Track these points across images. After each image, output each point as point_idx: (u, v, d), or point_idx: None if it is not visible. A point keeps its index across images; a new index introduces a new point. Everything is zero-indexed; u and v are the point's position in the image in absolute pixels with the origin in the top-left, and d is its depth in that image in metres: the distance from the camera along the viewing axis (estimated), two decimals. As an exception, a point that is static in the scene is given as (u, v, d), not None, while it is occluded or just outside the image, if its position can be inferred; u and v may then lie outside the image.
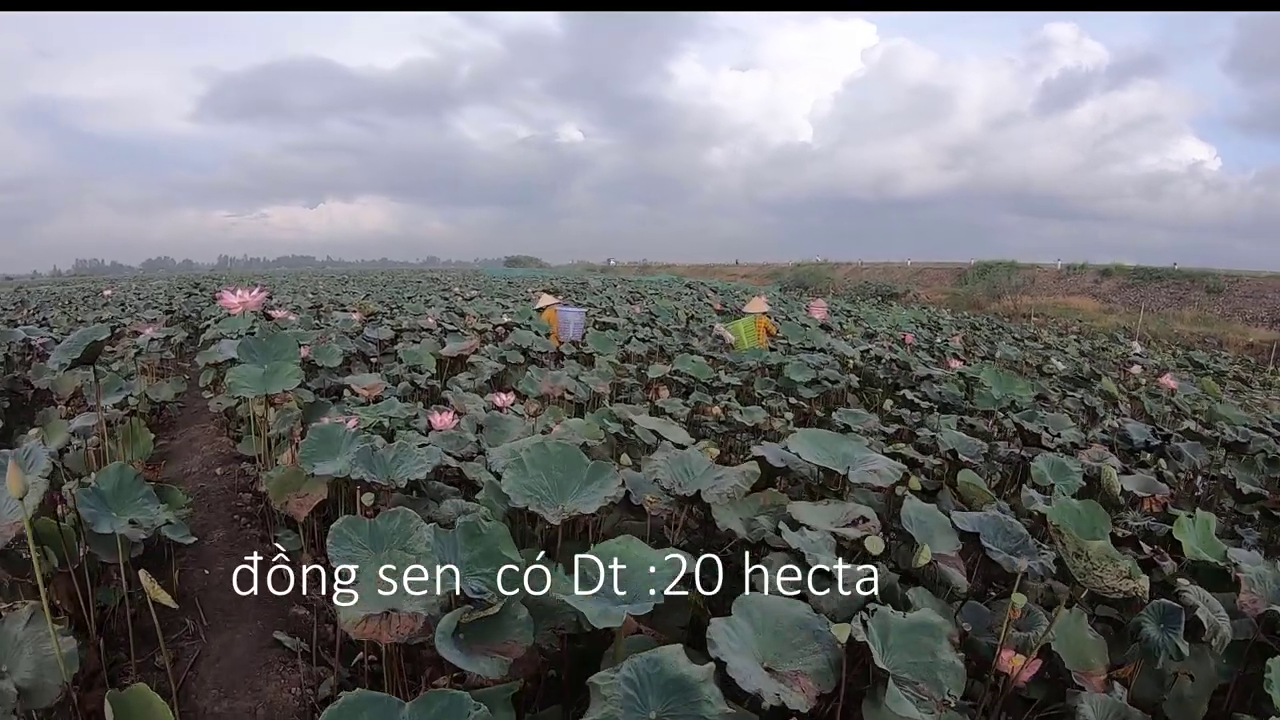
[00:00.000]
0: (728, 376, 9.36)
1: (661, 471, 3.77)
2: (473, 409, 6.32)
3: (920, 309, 36.81)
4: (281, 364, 4.71)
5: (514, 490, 3.27)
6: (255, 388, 4.58)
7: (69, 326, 13.68)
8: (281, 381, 4.60)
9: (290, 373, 4.63)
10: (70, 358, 4.09)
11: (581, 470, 3.43)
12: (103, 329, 4.19)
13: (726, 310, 20.15)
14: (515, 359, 8.91)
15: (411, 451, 3.84)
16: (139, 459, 5.17)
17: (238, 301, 5.13)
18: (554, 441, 3.52)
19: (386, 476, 3.68)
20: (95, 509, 3.07)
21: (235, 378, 4.61)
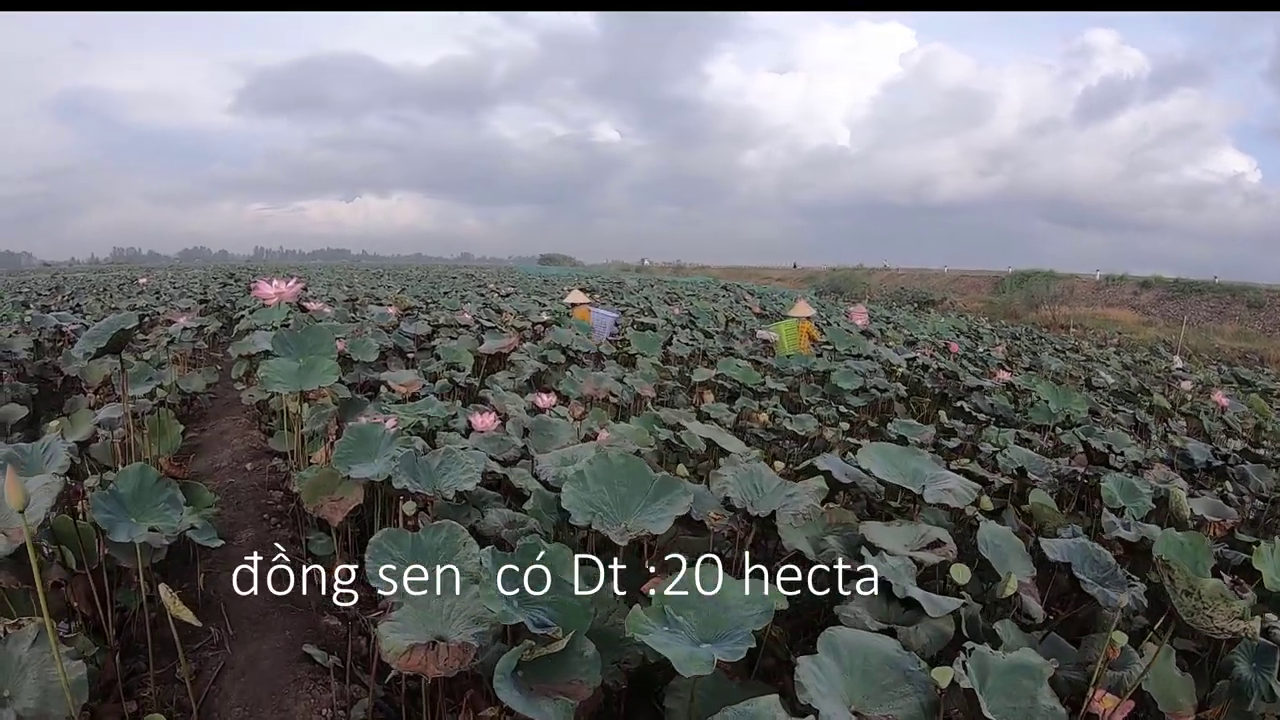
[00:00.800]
0: (773, 382, 9.07)
1: (732, 488, 3.47)
2: (514, 410, 6.06)
3: (958, 317, 36.32)
4: (317, 359, 4.43)
5: (574, 505, 2.98)
6: (290, 383, 4.31)
7: (102, 313, 13.53)
8: (317, 377, 4.33)
9: (326, 368, 4.36)
10: (96, 346, 3.84)
11: (646, 485, 3.13)
12: (130, 317, 3.94)
13: (766, 314, 19.84)
14: (555, 358, 8.63)
15: (458, 458, 3.55)
16: (167, 453, 4.92)
17: (273, 292, 4.87)
18: (617, 453, 3.23)
19: (432, 486, 3.40)
20: (113, 514, 2.80)
21: (269, 372, 4.33)
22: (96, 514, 2.69)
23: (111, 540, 2.76)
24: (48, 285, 27.05)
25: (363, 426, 3.95)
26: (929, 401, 10.29)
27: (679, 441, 5.75)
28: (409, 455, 3.49)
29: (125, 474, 2.89)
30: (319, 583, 4.23)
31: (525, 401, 6.45)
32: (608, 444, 4.61)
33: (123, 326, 3.82)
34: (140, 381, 6.12)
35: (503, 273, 53.12)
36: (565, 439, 4.69)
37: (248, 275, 31.48)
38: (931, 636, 2.90)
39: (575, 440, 4.69)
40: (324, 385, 4.35)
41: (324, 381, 4.31)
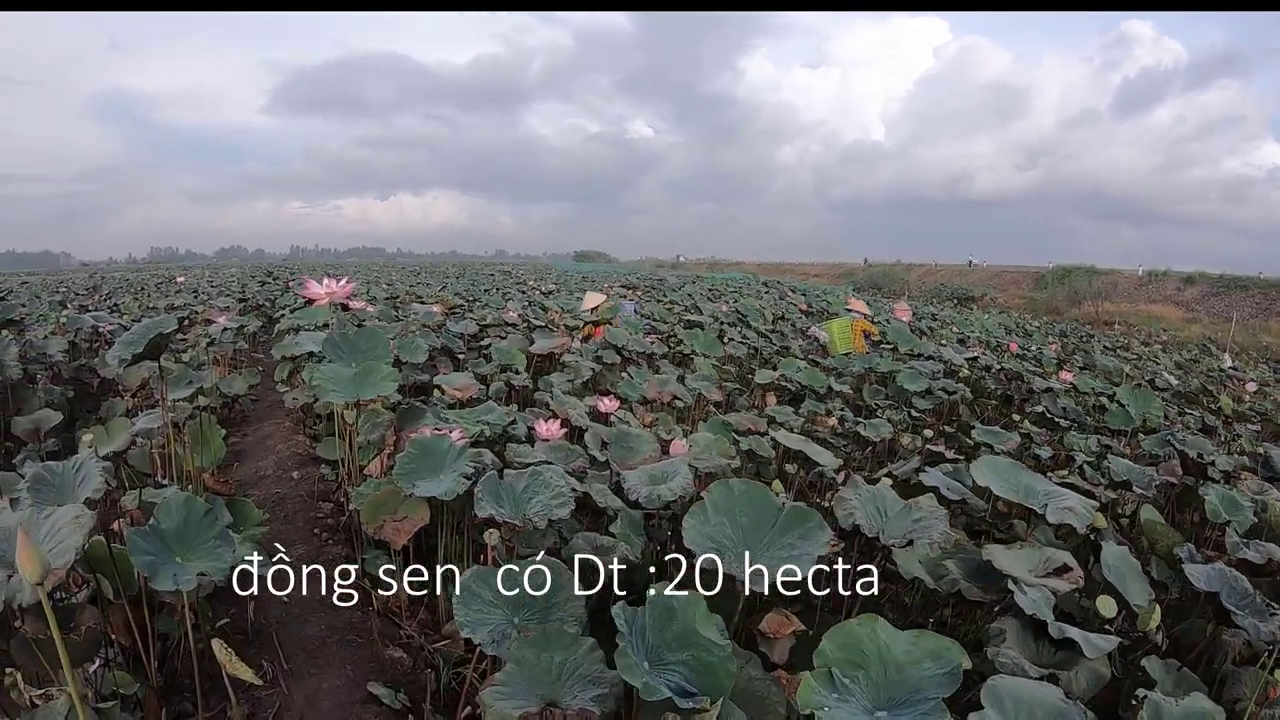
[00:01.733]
0: (835, 383, 8.64)
1: (860, 515, 3.05)
2: (576, 415, 5.68)
3: (999, 313, 35.71)
4: (374, 364, 4.05)
5: (696, 542, 2.57)
6: (345, 392, 3.91)
7: (139, 313, 13.30)
8: (375, 385, 3.93)
9: (384, 375, 3.97)
10: (132, 352, 3.48)
11: (772, 515, 2.71)
12: (169, 320, 3.58)
13: (812, 311, 19.37)
14: (610, 358, 8.24)
15: (546, 480, 3.15)
16: (210, 465, 4.56)
17: (324, 292, 4.49)
18: (740, 482, 2.80)
19: (521, 515, 2.99)
20: (155, 555, 2.36)
21: (322, 379, 3.95)
22: (135, 556, 2.28)
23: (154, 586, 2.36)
24: (85, 285, 26.96)
25: (427, 440, 3.57)
26: (994, 404, 9.84)
27: (758, 452, 5.37)
28: (491, 478, 3.09)
29: (168, 505, 2.48)
30: (378, 606, 3.88)
31: (584, 405, 6.08)
32: (690, 456, 4.22)
33: (161, 330, 3.46)
34: (180, 385, 5.79)
35: (539, 270, 52.83)
36: (646, 451, 4.28)
37: (285, 273, 31.32)
38: (1089, 680, 2.63)
39: (656, 452, 4.28)
40: (383, 394, 3.95)
41: (383, 390, 3.92)
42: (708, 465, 4.22)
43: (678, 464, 3.60)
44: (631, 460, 4.19)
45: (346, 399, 3.89)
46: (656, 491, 3.28)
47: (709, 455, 4.46)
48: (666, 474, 3.55)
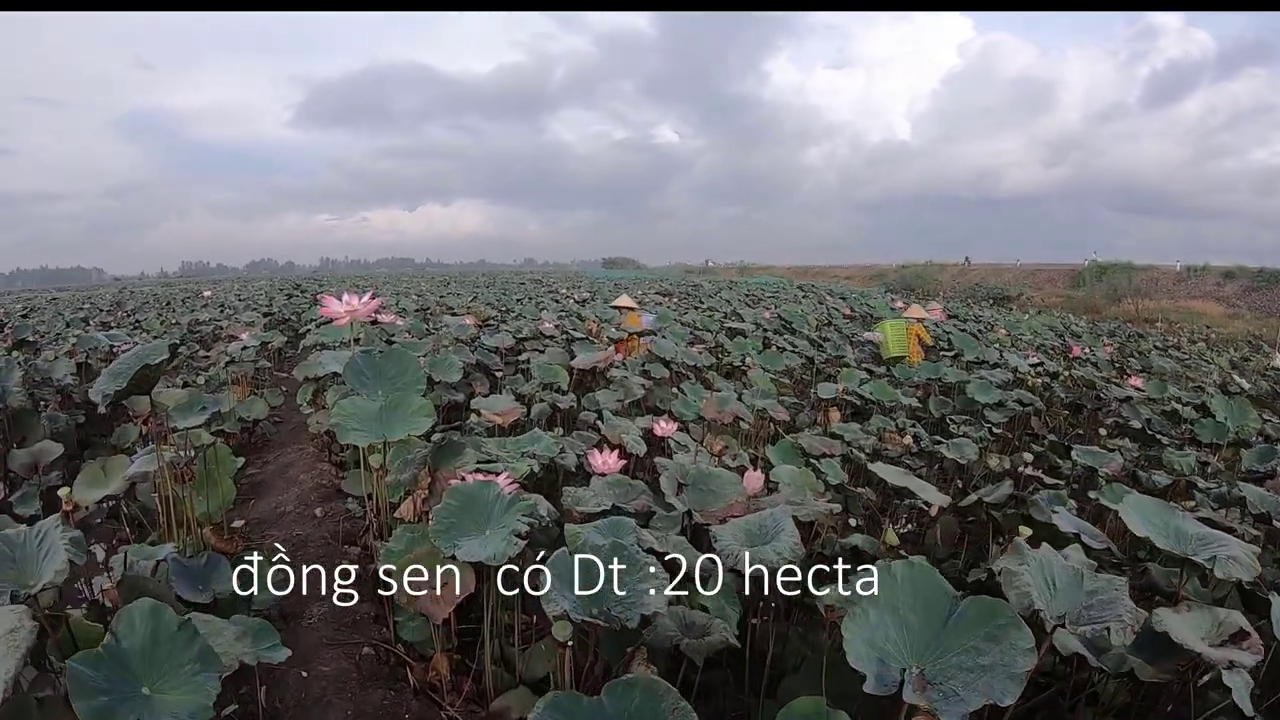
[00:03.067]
0: (904, 397, 7.98)
1: (1037, 595, 2.36)
2: (630, 440, 5.07)
3: (1037, 313, 34.82)
4: (404, 395, 3.41)
5: (862, 656, 1.92)
6: (370, 431, 3.27)
7: (161, 330, 12.81)
8: (406, 422, 3.29)
9: (417, 408, 3.34)
10: (115, 387, 2.89)
11: (943, 606, 2.05)
12: (158, 348, 2.99)
13: (855, 315, 18.67)
14: (658, 372, 7.61)
15: (631, 557, 2.48)
16: (218, 510, 3.95)
17: (344, 310, 3.86)
18: (902, 565, 2.13)
19: (603, 609, 2.32)
20: (110, 691, 1.65)
21: (342, 417, 3.30)
22: (80, 701, 1.60)
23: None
24: (112, 300, 26.59)
25: (469, 488, 2.95)
26: (1066, 415, 9.13)
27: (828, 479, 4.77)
28: (561, 558, 2.44)
29: (130, 616, 1.79)
30: (415, 681, 3.28)
31: (635, 426, 5.47)
32: (784, 501, 3.59)
33: (148, 361, 2.87)
34: (192, 411, 5.22)
35: (569, 277, 52.32)
36: (731, 495, 3.63)
37: (314, 286, 30.96)
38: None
39: (742, 496, 3.64)
40: (415, 432, 3.31)
41: (416, 427, 3.28)
42: (807, 513, 3.57)
43: (779, 517, 2.96)
44: (715, 506, 3.56)
45: (371, 439, 3.26)
46: (760, 555, 2.65)
47: (801, 496, 3.83)
48: (766, 529, 2.92)
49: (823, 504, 3.75)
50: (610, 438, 5.16)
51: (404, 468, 3.64)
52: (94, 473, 3.86)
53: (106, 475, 3.87)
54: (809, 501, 3.78)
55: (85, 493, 3.76)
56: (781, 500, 3.70)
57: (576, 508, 3.45)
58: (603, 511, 3.39)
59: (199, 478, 3.83)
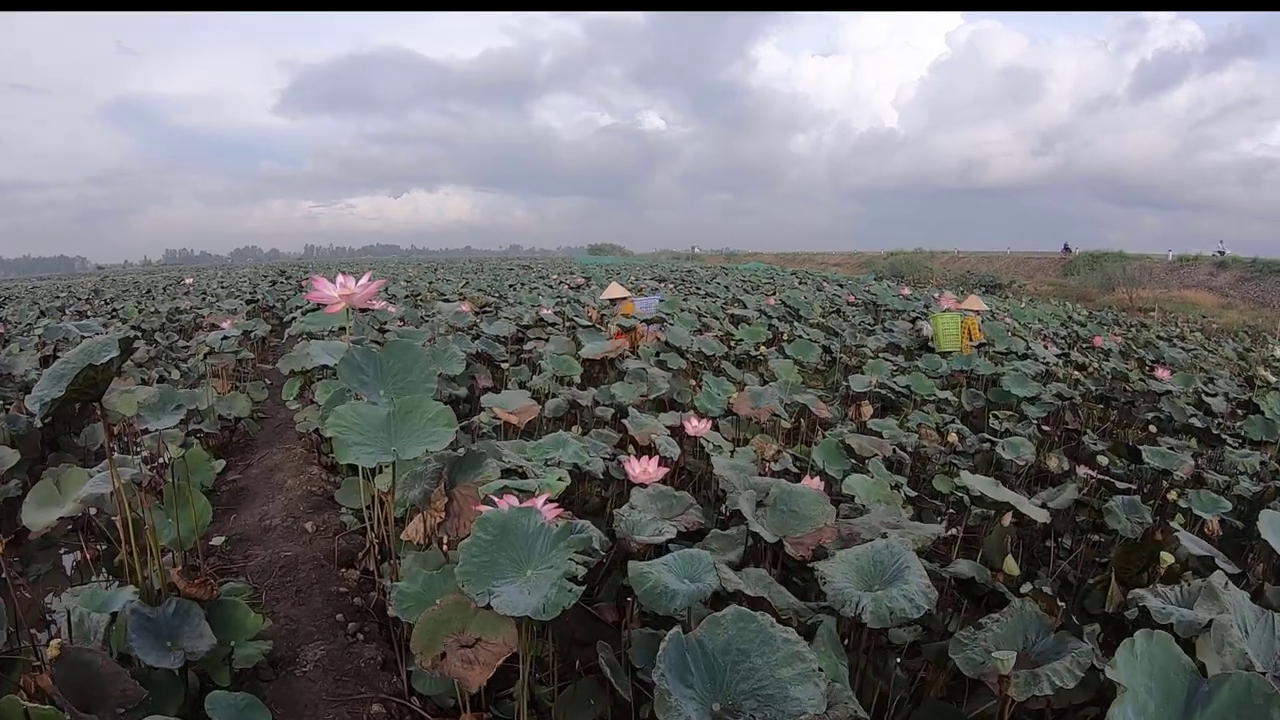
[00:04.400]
0: (939, 391, 7.40)
1: (1253, 653, 1.77)
2: (661, 441, 4.50)
3: (1029, 301, 34.32)
4: (416, 399, 2.76)
5: None
6: (376, 447, 2.64)
7: (139, 319, 12.12)
8: (422, 434, 2.65)
9: (434, 416, 2.67)
10: (54, 393, 2.27)
11: (1183, 683, 1.47)
12: (106, 345, 2.37)
13: (859, 303, 18.09)
14: (674, 363, 7.01)
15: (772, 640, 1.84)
16: (190, 537, 3.32)
17: (338, 295, 3.22)
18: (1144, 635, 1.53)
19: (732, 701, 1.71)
20: None
21: (341, 428, 2.65)
22: None
23: None
24: (91, 289, 25.79)
25: (503, 517, 2.34)
26: (1099, 409, 8.56)
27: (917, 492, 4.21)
28: (675, 641, 1.81)
29: None
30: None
31: (654, 422, 4.90)
32: (882, 523, 3.00)
33: (94, 361, 2.25)
34: (165, 410, 4.60)
35: (556, 264, 51.66)
36: (818, 518, 3.02)
37: (299, 272, 30.23)
38: None
39: (830, 518, 3.03)
40: (436, 446, 2.63)
41: (434, 441, 2.58)
42: (915, 539, 2.97)
43: (898, 552, 2.39)
44: (801, 532, 2.96)
45: (379, 458, 2.62)
46: (889, 603, 2.09)
47: (895, 514, 3.26)
48: (884, 567, 2.36)
49: (930, 527, 3.16)
50: (638, 438, 4.60)
51: (413, 482, 3.03)
52: (47, 491, 3.25)
53: (62, 492, 3.26)
54: (905, 522, 3.21)
55: (37, 515, 3.15)
56: (875, 521, 3.12)
57: (634, 536, 2.86)
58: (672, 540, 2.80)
59: (169, 494, 3.21)
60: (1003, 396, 7.62)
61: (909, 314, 14.93)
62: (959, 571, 3.06)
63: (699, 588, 2.31)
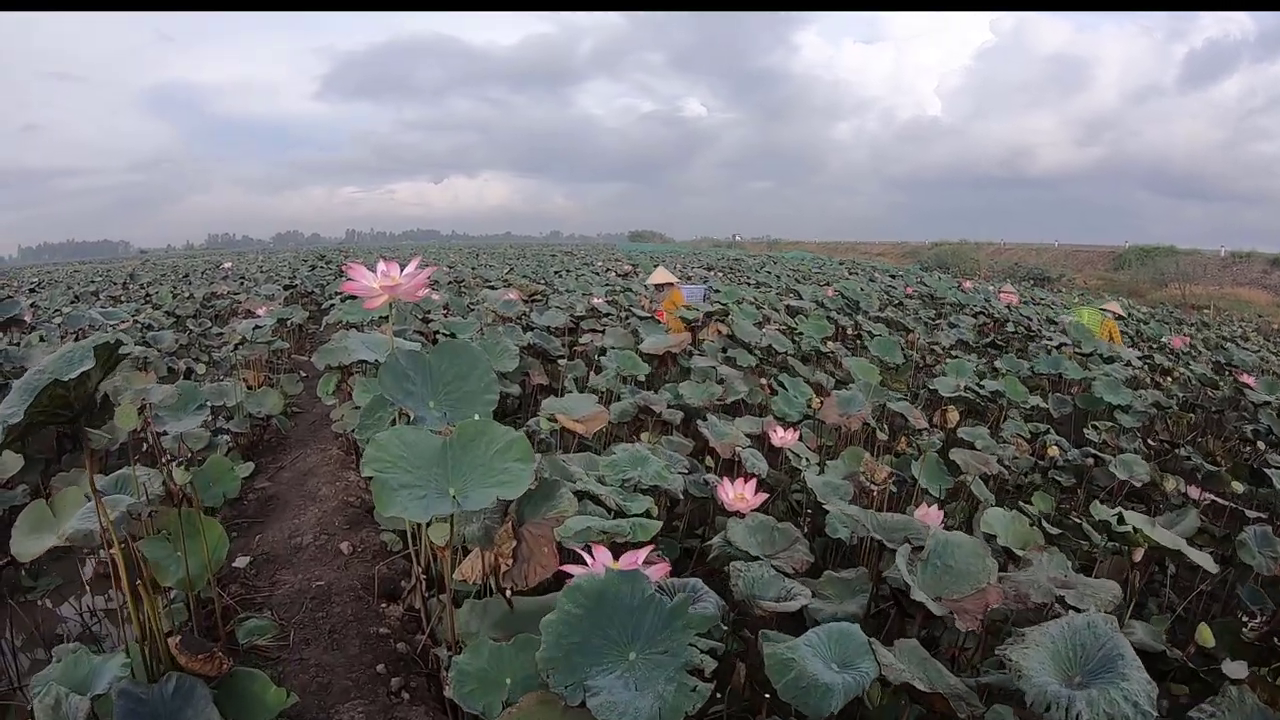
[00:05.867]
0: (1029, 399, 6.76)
1: None
2: (746, 455, 3.94)
3: (1079, 295, 33.40)
4: (481, 425, 2.11)
5: None
6: (429, 492, 2.00)
7: (173, 304, 11.67)
8: (490, 474, 2.02)
9: (504, 446, 2.02)
10: (12, 421, 1.73)
11: None
12: (82, 351, 1.82)
13: (917, 296, 17.37)
14: (744, 360, 6.43)
15: None
16: (203, 577, 2.76)
17: (379, 286, 2.59)
18: None
19: None
20: None
21: (382, 463, 2.00)
22: None
23: None
24: (128, 274, 25.47)
25: (598, 584, 1.76)
26: (1190, 419, 7.86)
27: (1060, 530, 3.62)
28: None
29: None
30: None
31: (735, 431, 4.34)
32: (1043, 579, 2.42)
33: (59, 377, 1.71)
34: (186, 410, 4.10)
35: (598, 250, 51.16)
36: (980, 573, 2.42)
37: (339, 257, 29.86)
38: None
39: (990, 572, 2.43)
40: (511, 493, 1.99)
41: (509, 484, 1.90)
42: (1097, 600, 2.39)
43: (1102, 631, 1.81)
44: (959, 592, 2.37)
45: (436, 510, 1.99)
46: (1106, 708, 1.53)
47: (1064, 568, 2.67)
48: (1087, 651, 1.79)
49: (1107, 586, 2.56)
50: (720, 449, 4.02)
51: (472, 515, 2.47)
52: (39, 514, 2.74)
53: (56, 515, 2.75)
54: (1075, 577, 2.62)
55: (27, 542, 2.65)
56: (1042, 577, 2.54)
57: (758, 600, 2.29)
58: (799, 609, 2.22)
59: (177, 523, 2.67)
60: (1091, 403, 6.97)
61: (971, 308, 14.23)
62: (1141, 642, 2.47)
63: (856, 680, 1.75)
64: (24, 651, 3.55)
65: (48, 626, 3.74)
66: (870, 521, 2.85)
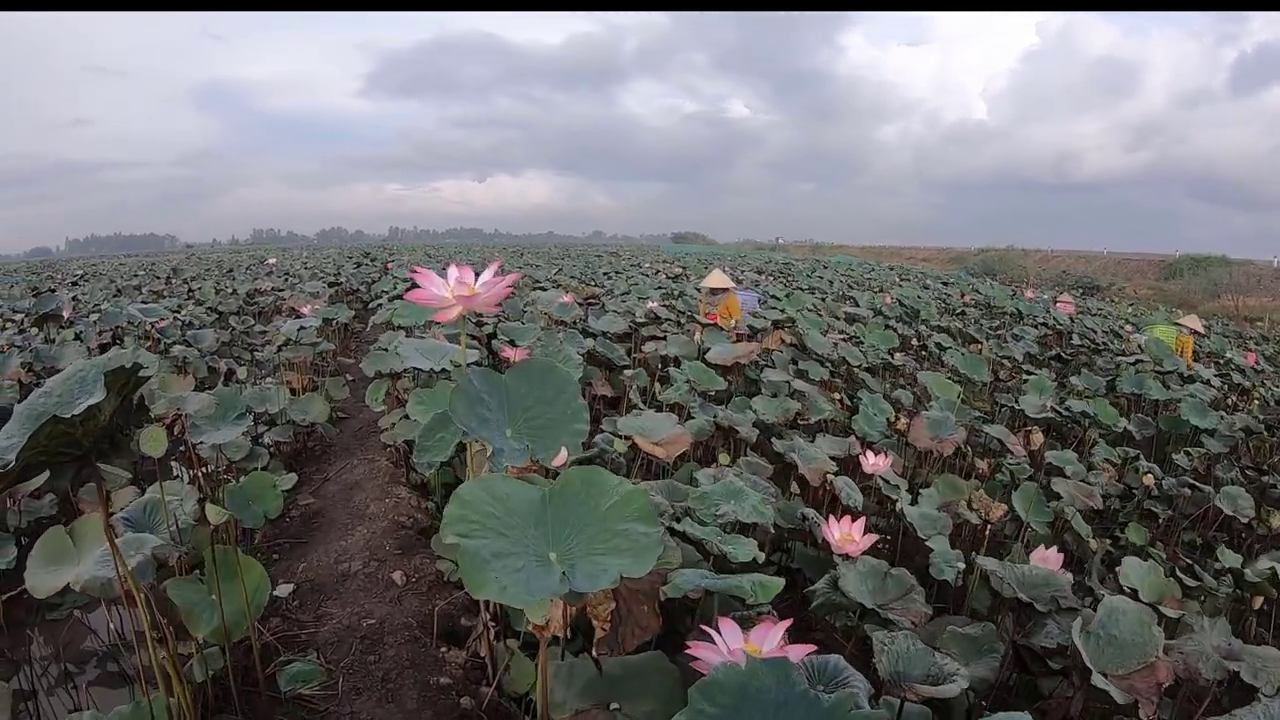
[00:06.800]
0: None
1: None
2: (844, 490, 3.55)
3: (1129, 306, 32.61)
4: (589, 473, 1.72)
5: None
6: (527, 560, 1.53)
7: (216, 300, 11.41)
8: (604, 539, 1.56)
9: (619, 502, 1.60)
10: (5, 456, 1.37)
11: None
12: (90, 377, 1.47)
13: (975, 306, 16.83)
14: (815, 372, 6.02)
15: None
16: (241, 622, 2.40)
17: (453, 296, 2.14)
18: None
19: None
20: None
21: (468, 526, 1.57)
22: None
23: None
24: (171, 268, 25.37)
25: (739, 678, 1.36)
26: (1272, 444, 7.32)
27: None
28: None
29: None
30: None
31: (822, 455, 3.94)
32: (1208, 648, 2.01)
33: (59, 414, 1.35)
34: (225, 419, 3.76)
35: (644, 251, 50.80)
36: (1147, 645, 2.03)
37: (384, 254, 29.72)
38: None
39: (1155, 645, 2.03)
40: (638, 568, 1.55)
41: (634, 555, 1.47)
42: (1272, 675, 1.99)
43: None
44: (1125, 667, 1.98)
45: (542, 592, 1.48)
46: None
47: (1220, 630, 2.26)
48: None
49: (1273, 654, 2.15)
50: (809, 476, 3.63)
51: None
52: (57, 543, 2.41)
53: (77, 545, 2.41)
54: (1241, 646, 2.21)
55: (42, 576, 2.32)
56: (1207, 646, 2.14)
57: (910, 684, 1.89)
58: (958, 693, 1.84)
59: (211, 562, 2.31)
60: (1175, 425, 6.47)
61: (1033, 318, 13.70)
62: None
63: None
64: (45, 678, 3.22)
65: (71, 650, 3.41)
66: (1011, 576, 2.45)
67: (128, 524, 2.56)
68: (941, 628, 2.55)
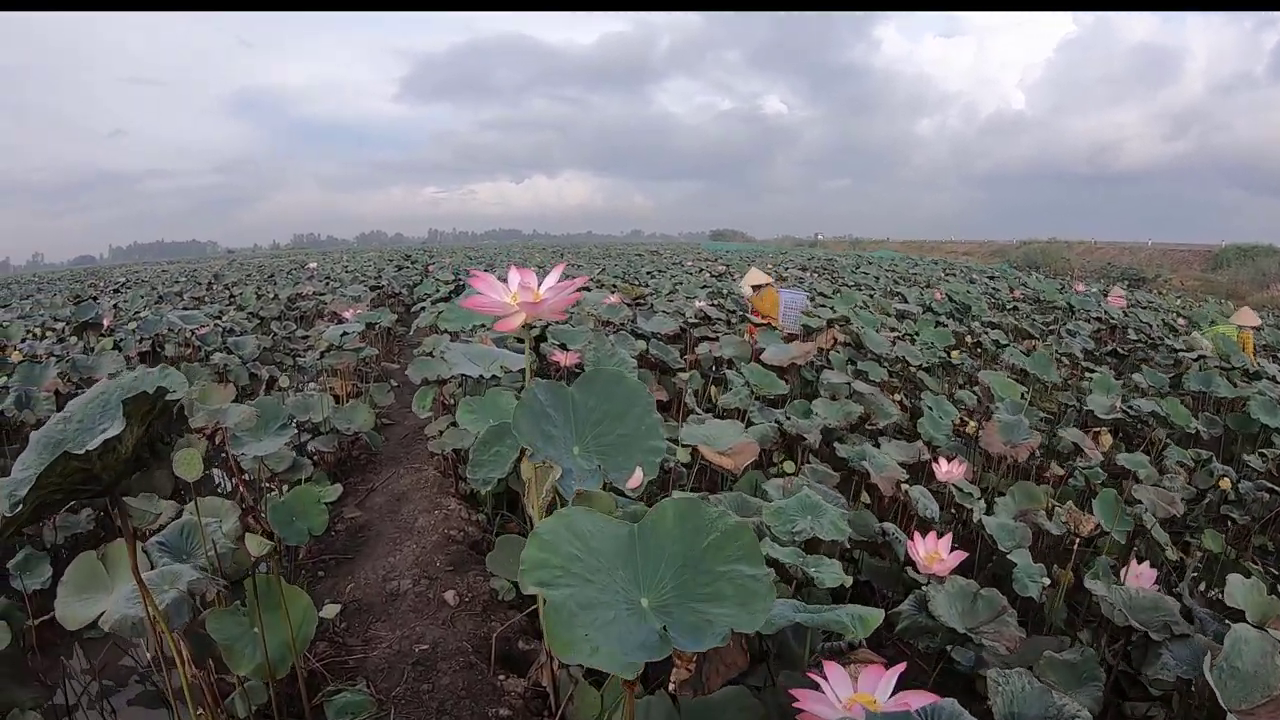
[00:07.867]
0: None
1: None
2: (920, 500, 3.32)
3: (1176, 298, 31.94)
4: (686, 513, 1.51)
5: None
6: (619, 609, 1.31)
7: (257, 305, 11.32)
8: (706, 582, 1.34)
9: (721, 537, 1.39)
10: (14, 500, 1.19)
11: None
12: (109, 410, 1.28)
13: (1026, 300, 16.45)
14: (875, 373, 5.79)
15: None
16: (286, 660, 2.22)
17: (516, 303, 1.91)
18: None
19: None
20: None
21: (550, 572, 1.31)
22: None
23: None
24: (213, 274, 25.40)
25: None
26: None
27: None
28: None
29: None
30: None
31: (893, 462, 3.72)
32: None
33: (70, 450, 1.17)
34: (268, 431, 3.60)
35: (684, 249, 50.57)
36: (1265, 674, 1.82)
37: (424, 257, 29.72)
38: None
39: (1273, 668, 1.82)
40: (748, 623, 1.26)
41: (744, 611, 1.19)
42: None
43: None
44: (1250, 702, 1.76)
45: (639, 654, 1.22)
46: None
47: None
48: None
49: None
50: (881, 485, 3.41)
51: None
52: (89, 570, 2.25)
53: (109, 571, 2.25)
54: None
55: (73, 605, 2.16)
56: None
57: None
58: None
59: (253, 592, 2.14)
60: (1244, 424, 6.15)
61: (1085, 312, 13.32)
62: None
63: None
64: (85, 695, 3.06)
65: (110, 667, 3.25)
66: (1120, 600, 2.23)
67: (163, 549, 2.38)
68: (1033, 651, 2.34)
